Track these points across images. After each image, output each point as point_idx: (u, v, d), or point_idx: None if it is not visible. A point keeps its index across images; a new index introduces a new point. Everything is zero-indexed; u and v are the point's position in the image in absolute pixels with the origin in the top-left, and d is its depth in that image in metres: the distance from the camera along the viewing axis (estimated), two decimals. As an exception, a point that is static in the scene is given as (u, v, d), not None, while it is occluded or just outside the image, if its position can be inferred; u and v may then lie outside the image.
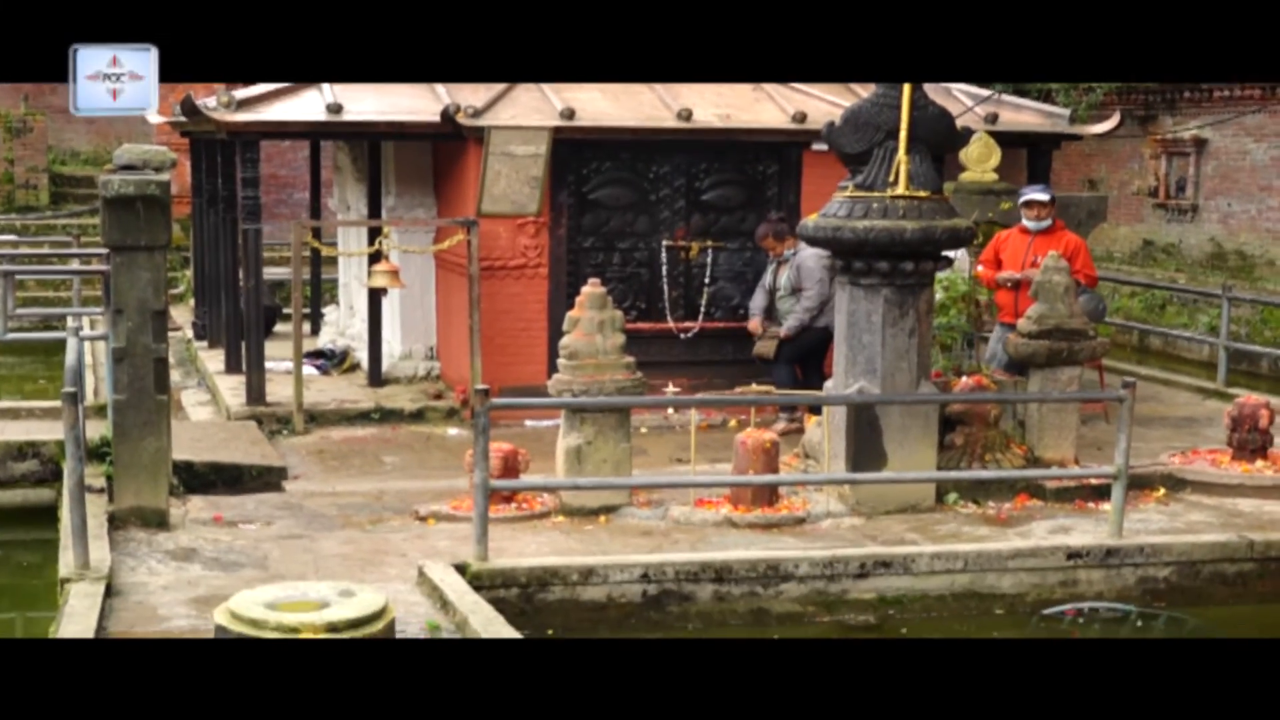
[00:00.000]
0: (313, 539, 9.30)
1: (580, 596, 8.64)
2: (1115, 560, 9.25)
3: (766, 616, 8.84)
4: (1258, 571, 9.40)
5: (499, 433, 10.81)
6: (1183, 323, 18.70)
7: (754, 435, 9.89)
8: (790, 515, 9.80)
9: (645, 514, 9.88)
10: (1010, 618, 9.05)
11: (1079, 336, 10.75)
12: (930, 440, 10.17)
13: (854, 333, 10.13)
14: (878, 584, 8.97)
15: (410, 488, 10.68)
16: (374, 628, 6.81)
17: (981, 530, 9.68)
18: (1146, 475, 10.60)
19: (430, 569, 8.31)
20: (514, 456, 9.81)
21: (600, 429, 9.91)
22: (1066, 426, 10.76)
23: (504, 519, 9.55)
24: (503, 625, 7.42)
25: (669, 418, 12.94)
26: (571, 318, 10.19)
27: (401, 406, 13.32)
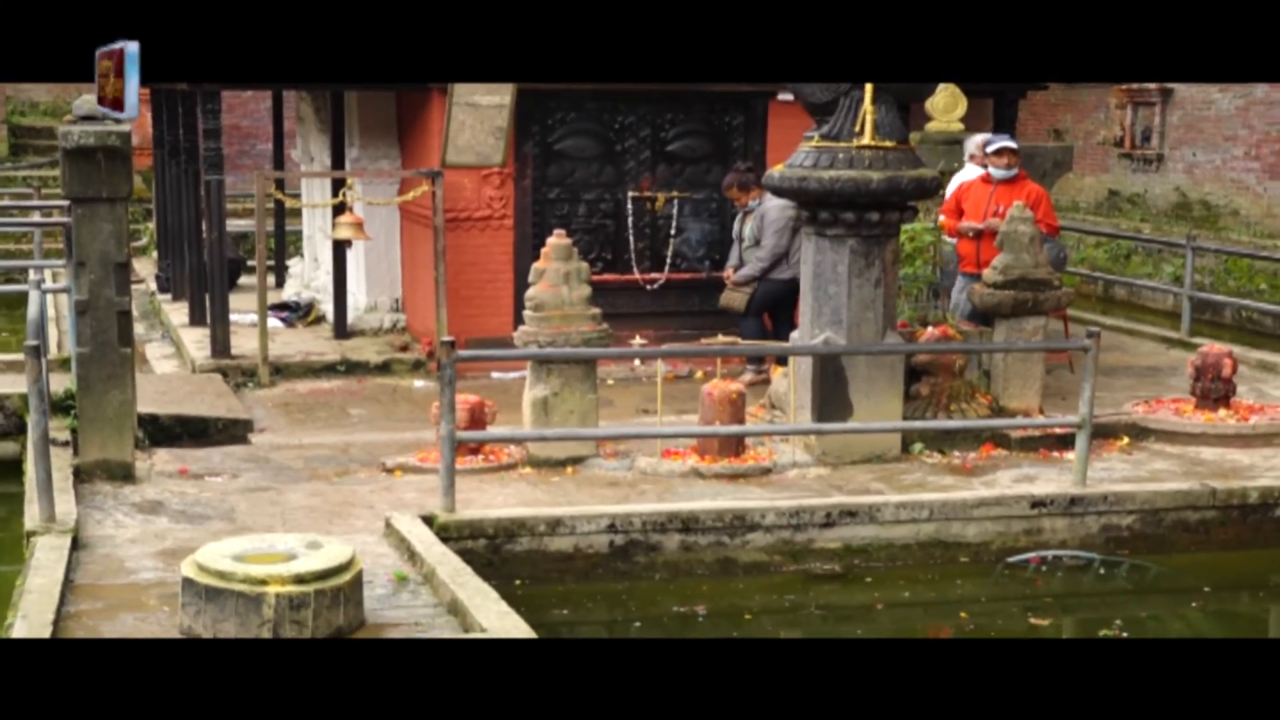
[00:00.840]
0: (279, 491, 9.29)
1: (547, 547, 8.65)
2: (1079, 509, 9.31)
3: (733, 566, 8.87)
4: (1219, 519, 9.47)
5: (465, 384, 10.81)
6: (1147, 273, 18.77)
7: (720, 386, 9.90)
8: (756, 465, 9.82)
9: (612, 465, 9.90)
10: (975, 566, 9.11)
11: (1044, 286, 10.79)
12: (896, 390, 10.20)
13: (820, 283, 10.14)
14: (843, 533, 9.01)
15: (377, 440, 10.67)
16: (341, 579, 6.82)
17: (946, 479, 9.72)
18: (1110, 424, 10.66)
19: (397, 520, 8.31)
20: (480, 408, 9.81)
21: (567, 380, 9.91)
22: (1031, 376, 10.80)
23: (471, 470, 9.56)
24: (470, 576, 7.43)
25: (635, 369, 12.94)
26: (537, 269, 10.17)
27: (367, 359, 13.29)
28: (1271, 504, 9.52)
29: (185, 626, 6.76)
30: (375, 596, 7.31)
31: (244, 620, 6.61)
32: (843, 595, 8.75)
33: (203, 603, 6.68)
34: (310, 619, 6.66)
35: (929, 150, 12.11)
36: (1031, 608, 8.72)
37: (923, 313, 11.76)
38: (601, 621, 8.48)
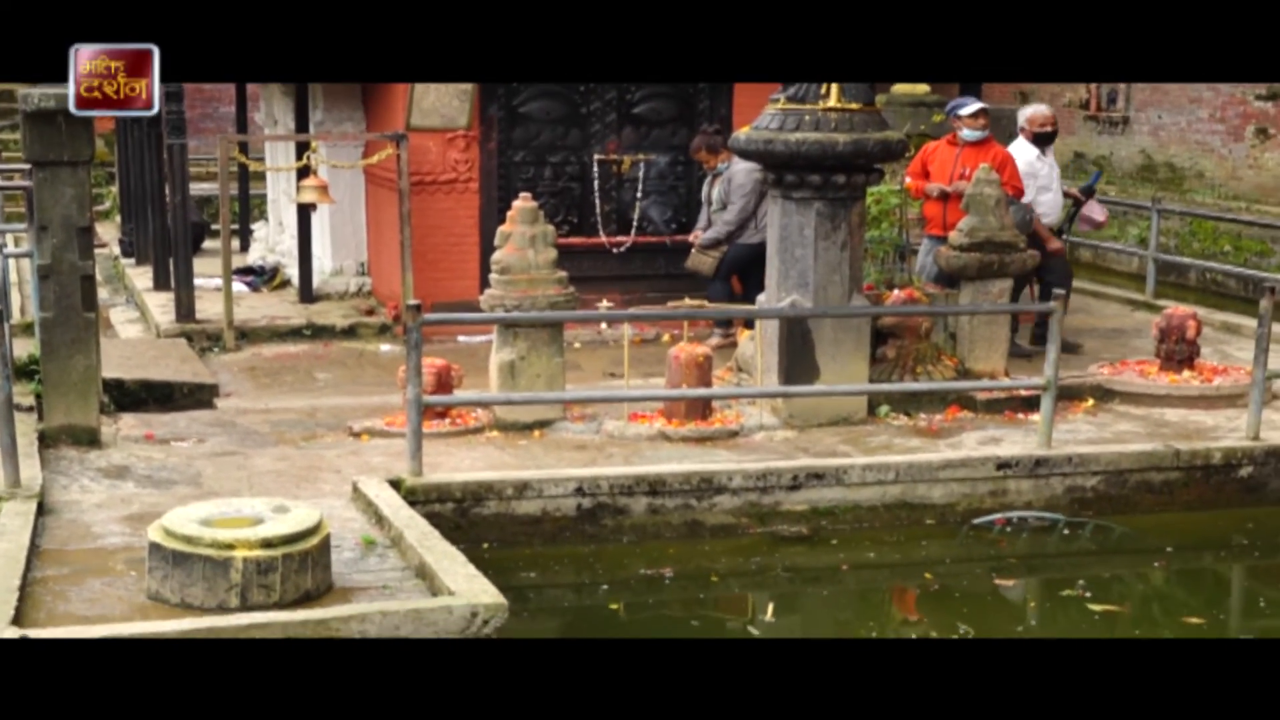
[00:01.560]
0: (246, 456, 9.27)
1: (515, 510, 8.66)
2: (1044, 470, 9.36)
3: (700, 529, 8.89)
4: (1183, 480, 9.53)
5: (431, 348, 10.78)
6: (1112, 235, 18.80)
7: (687, 349, 9.91)
8: (723, 428, 9.84)
9: (579, 428, 9.90)
10: (941, 527, 9.15)
11: (1009, 249, 10.81)
12: (862, 353, 10.22)
13: (786, 246, 10.14)
14: (810, 495, 9.04)
15: (343, 404, 10.65)
16: (309, 543, 6.82)
17: (913, 442, 9.75)
18: (1076, 386, 10.71)
19: (365, 484, 8.30)
20: (447, 372, 9.80)
21: (533, 344, 9.89)
22: (997, 339, 10.83)
23: (438, 434, 9.55)
24: (438, 539, 7.43)
25: (602, 332, 12.95)
26: (503, 232, 10.14)
27: (333, 323, 13.26)
28: (1235, 465, 9.58)
29: (153, 591, 6.75)
30: (343, 560, 7.30)
31: (211, 585, 6.60)
32: (809, 557, 8.78)
33: (170, 567, 6.67)
34: (278, 583, 6.66)
35: (895, 112, 12.12)
36: (996, 568, 8.77)
37: (889, 275, 11.78)
38: (569, 584, 8.50)
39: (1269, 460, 9.62)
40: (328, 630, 6.43)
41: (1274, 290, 9.69)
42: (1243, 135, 18.46)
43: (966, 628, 7.82)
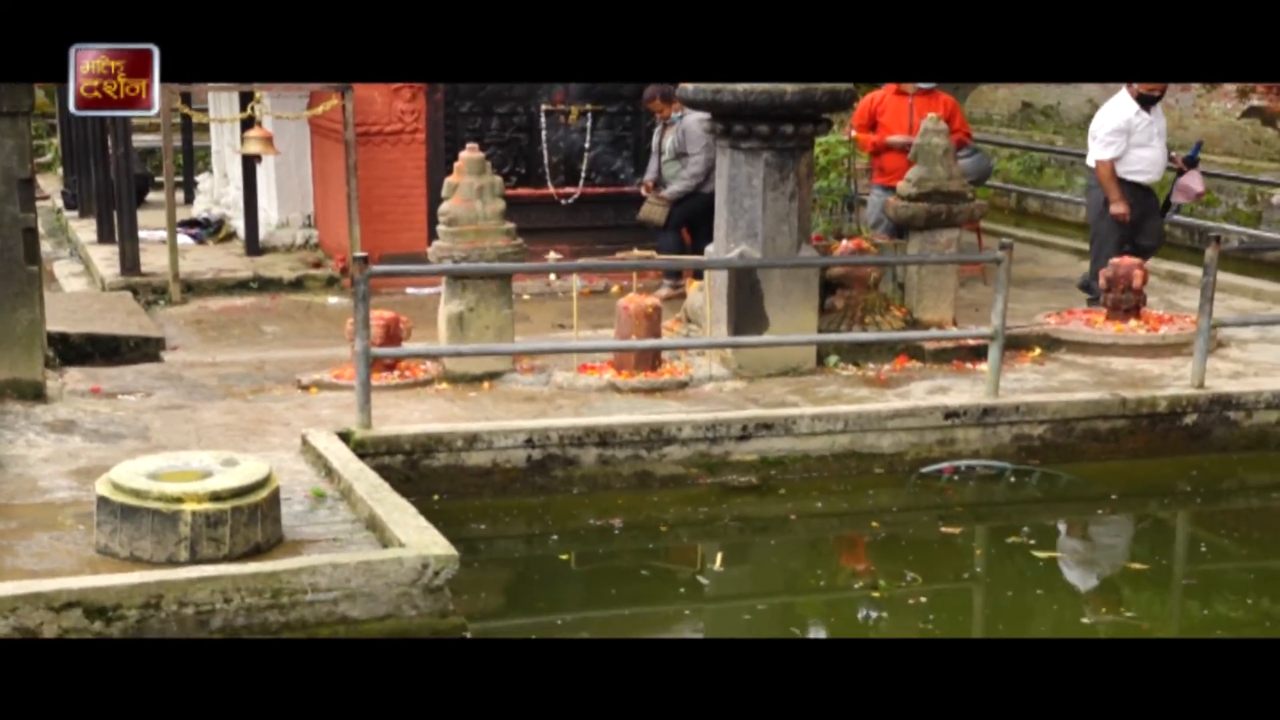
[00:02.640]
0: (194, 409, 9.22)
1: (465, 462, 8.65)
2: (991, 419, 9.41)
3: (650, 479, 8.91)
4: (1129, 428, 9.60)
5: (380, 301, 10.75)
6: (1060, 185, 18.87)
7: (636, 300, 9.90)
8: (673, 379, 9.85)
9: (529, 380, 9.89)
10: (889, 477, 9.20)
11: (957, 199, 10.84)
12: (811, 303, 10.24)
13: (735, 197, 10.13)
14: (760, 445, 9.07)
15: (291, 357, 10.60)
16: (258, 496, 6.80)
17: (861, 391, 9.79)
18: (1023, 335, 10.76)
19: (314, 437, 8.28)
20: (395, 324, 9.76)
21: (482, 295, 9.87)
22: (945, 288, 10.87)
23: (387, 387, 9.52)
24: (388, 491, 7.42)
25: (551, 284, 12.92)
26: (450, 184, 10.09)
27: (280, 275, 13.19)
28: (1180, 413, 9.66)
29: (101, 545, 6.73)
30: (293, 513, 7.29)
31: (160, 538, 6.58)
32: (758, 507, 8.81)
33: (118, 521, 6.64)
34: (227, 536, 6.64)
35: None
36: (943, 517, 8.83)
37: (837, 226, 11.81)
38: (519, 535, 8.51)
39: (1213, 408, 9.71)
40: (277, 583, 6.42)
41: (1219, 240, 9.75)
42: (1189, 85, 18.53)
43: (914, 575, 7.87)
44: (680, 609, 7.70)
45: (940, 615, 7.51)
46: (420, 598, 6.64)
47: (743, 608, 7.84)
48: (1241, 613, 7.80)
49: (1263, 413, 9.80)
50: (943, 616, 7.52)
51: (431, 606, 6.67)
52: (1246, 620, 7.70)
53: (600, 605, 7.54)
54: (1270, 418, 9.81)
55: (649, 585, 7.88)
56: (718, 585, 8.12)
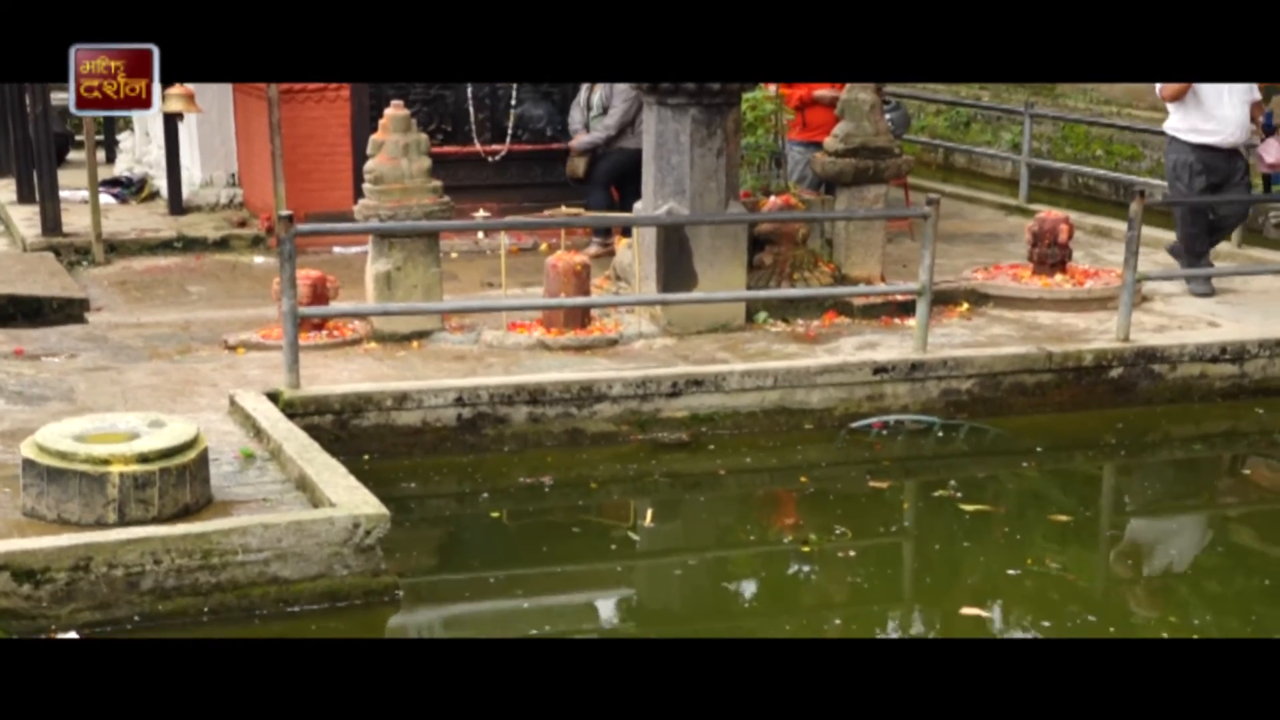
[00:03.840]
0: (120, 371, 9.13)
1: (395, 421, 8.62)
2: (920, 374, 9.47)
3: (581, 437, 8.91)
4: (1055, 382, 9.69)
5: (306, 260, 10.68)
6: (986, 140, 18.99)
7: (564, 258, 9.88)
8: (602, 337, 9.84)
9: (458, 338, 9.86)
10: (819, 432, 9.25)
11: (884, 154, 10.87)
12: (740, 260, 10.25)
13: (662, 153, 10.12)
14: (690, 402, 9.09)
15: (218, 317, 10.51)
16: (186, 457, 6.75)
17: (791, 348, 9.82)
18: (950, 291, 10.83)
19: (242, 398, 8.22)
20: (322, 283, 9.70)
21: (409, 254, 9.82)
22: (873, 244, 10.92)
23: (315, 346, 9.46)
24: (317, 451, 7.39)
25: (479, 242, 12.86)
26: (375, 141, 10.02)
27: (205, 235, 13.05)
28: (1105, 366, 9.76)
29: (28, 508, 6.66)
30: (222, 474, 7.25)
31: (88, 501, 6.53)
32: (689, 463, 8.83)
33: (45, 484, 6.58)
34: (156, 498, 6.60)
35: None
36: (872, 471, 8.88)
37: (765, 182, 11.80)
38: (451, 494, 8.49)
39: (1138, 361, 9.81)
40: (207, 544, 6.38)
41: (1144, 194, 9.83)
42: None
43: (843, 529, 7.91)
44: (612, 565, 7.72)
45: (869, 569, 7.58)
46: (352, 557, 6.63)
47: (674, 563, 7.87)
48: (1163, 562, 7.91)
49: (1186, 365, 9.91)
50: (872, 570, 7.58)
51: (363, 566, 6.66)
52: (1169, 569, 7.82)
53: (532, 562, 7.54)
54: (1194, 370, 9.93)
55: (581, 542, 7.88)
56: (649, 541, 8.14)
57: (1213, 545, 8.25)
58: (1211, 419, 9.87)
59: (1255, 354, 10.03)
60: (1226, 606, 7.23)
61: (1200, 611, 7.17)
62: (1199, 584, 7.67)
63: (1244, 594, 7.40)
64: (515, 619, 6.90)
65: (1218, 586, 7.64)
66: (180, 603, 6.37)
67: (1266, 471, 9.44)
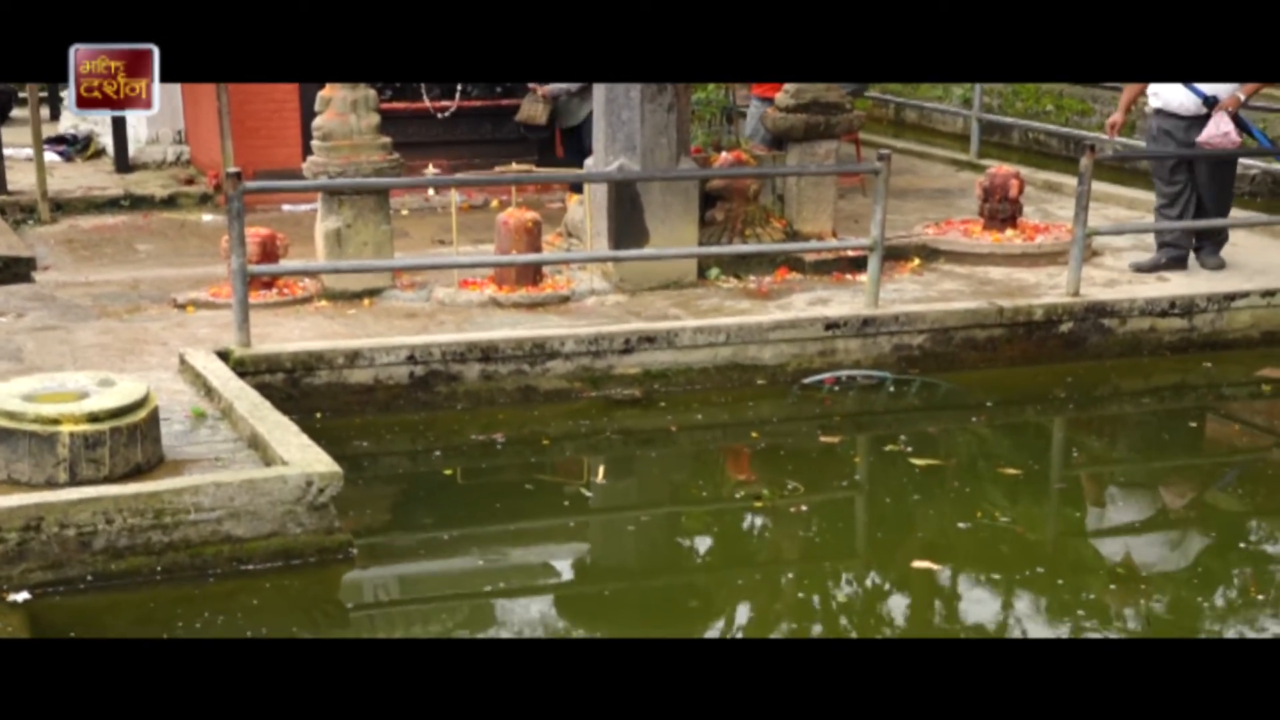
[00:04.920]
0: (68, 330, 9.07)
1: (347, 379, 8.59)
2: (871, 329, 9.50)
3: (534, 394, 8.91)
4: (1006, 336, 9.74)
5: (255, 218, 10.61)
6: (937, 95, 18.99)
7: (516, 215, 9.85)
8: (554, 294, 9.83)
9: (409, 296, 9.82)
10: (772, 388, 9.27)
11: (836, 110, 10.87)
12: (691, 216, 10.24)
13: (613, 109, 10.08)
14: (642, 359, 9.09)
15: (167, 275, 10.44)
16: (137, 416, 6.71)
17: (743, 304, 9.83)
18: (902, 246, 10.86)
19: (192, 356, 8.18)
20: (272, 241, 9.64)
21: (359, 211, 9.77)
22: (824, 200, 10.93)
23: (265, 305, 9.42)
24: (269, 410, 7.36)
25: (429, 199, 12.81)
26: (323, 98, 9.95)
27: (152, 193, 12.95)
28: (1055, 321, 9.81)
29: (-24, 469, 6.61)
30: (173, 433, 7.21)
31: (38, 460, 6.49)
32: (641, 420, 8.84)
33: (-7, 444, 6.53)
34: (107, 457, 6.56)
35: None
36: (824, 426, 8.91)
37: (716, 137, 11.79)
38: (403, 452, 8.47)
39: (1088, 316, 9.87)
40: (159, 503, 6.35)
41: (1094, 148, 9.87)
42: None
43: (795, 484, 7.94)
44: (565, 522, 7.72)
45: (822, 523, 7.61)
46: (305, 515, 6.61)
47: (627, 519, 7.89)
48: (1112, 514, 7.97)
49: (1136, 319, 9.98)
50: (824, 524, 7.61)
51: (317, 524, 6.65)
52: (1118, 523, 7.88)
53: (485, 520, 7.54)
54: (1143, 324, 10.00)
55: (534, 499, 7.89)
56: (602, 498, 8.15)
57: (1161, 498, 8.32)
58: (1161, 373, 9.94)
59: (1204, 308, 10.11)
60: (1174, 559, 7.29)
61: (1148, 564, 7.23)
62: (1147, 537, 7.73)
63: (1192, 546, 7.47)
64: (470, 577, 6.90)
65: (1165, 539, 7.72)
66: (133, 562, 6.34)
67: (1214, 425, 9.51)
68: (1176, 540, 7.67)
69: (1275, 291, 10.28)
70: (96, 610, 6.22)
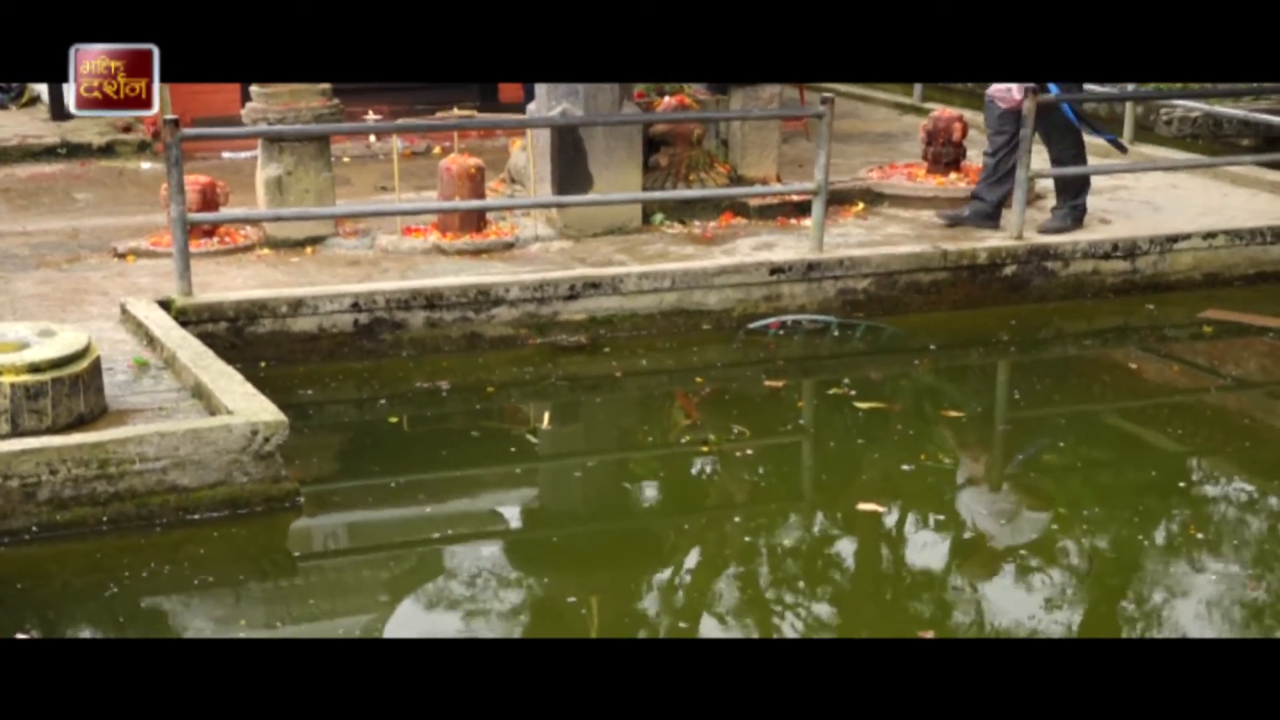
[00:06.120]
0: (6, 280, 8.98)
1: (291, 328, 8.55)
2: (816, 274, 9.51)
3: (480, 341, 8.89)
4: (950, 279, 9.77)
5: (195, 165, 10.52)
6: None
7: (458, 161, 9.80)
8: (499, 240, 9.79)
9: (352, 244, 9.77)
10: (717, 333, 9.28)
11: (778, 54, 10.83)
12: (635, 161, 10.21)
13: (557, 54, 10.02)
14: (588, 305, 9.08)
15: (106, 224, 10.34)
16: (79, 366, 6.66)
17: (688, 249, 9.82)
18: (846, 190, 10.86)
19: (133, 306, 8.11)
20: (212, 189, 9.56)
21: (300, 159, 9.69)
22: (768, 144, 10.91)
23: (207, 253, 9.35)
24: (213, 359, 7.31)
25: (371, 146, 12.73)
26: (266, 43, 9.84)
27: (89, 141, 12.81)
28: (999, 264, 9.85)
29: (-84, 421, 6.54)
30: (116, 383, 7.16)
31: (-21, 412, 6.42)
32: (587, 366, 8.84)
33: (-67, 396, 6.46)
34: (49, 408, 6.51)
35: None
36: (768, 371, 8.92)
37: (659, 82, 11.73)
38: (349, 400, 8.44)
39: (1031, 259, 9.92)
40: (104, 453, 6.31)
41: (1035, 91, 9.89)
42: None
43: (741, 428, 7.96)
44: (512, 468, 7.72)
45: (768, 467, 7.63)
46: (251, 464, 6.58)
47: (574, 465, 7.88)
48: (1054, 455, 8.03)
49: (1079, 262, 10.03)
50: (770, 468, 7.63)
51: (263, 473, 6.62)
52: (1060, 463, 7.94)
53: (432, 467, 7.52)
54: (1086, 267, 10.06)
55: (480, 446, 7.88)
56: (549, 444, 8.15)
57: (1103, 438, 8.39)
58: (1103, 315, 10.01)
59: (1146, 250, 10.18)
60: (1117, 498, 7.36)
61: (1091, 503, 7.29)
62: (1090, 476, 7.80)
63: (1133, 485, 7.54)
64: (417, 524, 6.90)
65: (1108, 478, 7.79)
66: (78, 512, 6.30)
67: (1156, 366, 9.58)
68: (1117, 480, 7.74)
69: (1216, 233, 10.35)
70: (42, 560, 6.19)
